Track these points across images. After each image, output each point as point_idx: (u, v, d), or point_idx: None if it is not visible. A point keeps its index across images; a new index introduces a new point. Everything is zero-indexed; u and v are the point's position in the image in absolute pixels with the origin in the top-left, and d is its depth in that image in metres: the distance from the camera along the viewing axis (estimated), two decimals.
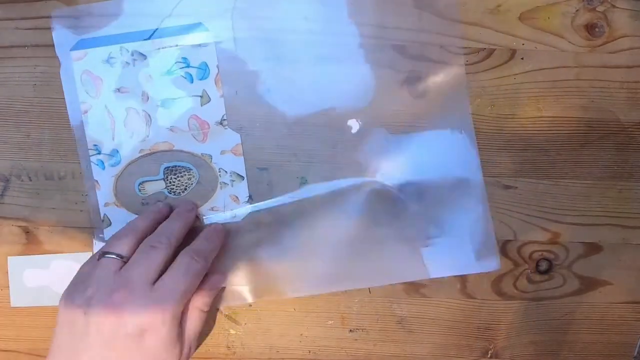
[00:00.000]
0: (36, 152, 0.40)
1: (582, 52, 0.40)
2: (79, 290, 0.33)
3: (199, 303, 0.36)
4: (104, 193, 0.39)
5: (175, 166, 0.39)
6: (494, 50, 0.39)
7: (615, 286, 0.43)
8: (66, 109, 0.39)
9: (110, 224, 0.40)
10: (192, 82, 0.38)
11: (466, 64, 0.39)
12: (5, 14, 0.38)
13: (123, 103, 0.39)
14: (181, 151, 0.39)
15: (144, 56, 0.38)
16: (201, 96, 0.39)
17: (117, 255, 0.33)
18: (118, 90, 0.38)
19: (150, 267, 0.33)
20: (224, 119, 0.39)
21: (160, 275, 0.33)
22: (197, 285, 0.35)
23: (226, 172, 0.39)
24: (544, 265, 0.42)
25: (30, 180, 0.40)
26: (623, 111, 0.40)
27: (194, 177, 0.39)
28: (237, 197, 0.40)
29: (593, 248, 0.42)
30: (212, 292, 0.37)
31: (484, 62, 0.40)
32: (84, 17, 0.38)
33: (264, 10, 0.38)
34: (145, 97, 0.38)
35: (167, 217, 0.37)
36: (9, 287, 0.41)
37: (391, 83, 0.39)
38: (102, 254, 0.34)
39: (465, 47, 0.39)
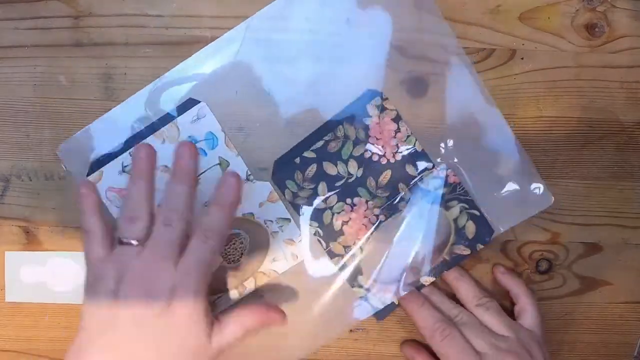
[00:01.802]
0: (36, 152, 0.40)
1: (582, 52, 0.40)
2: (104, 280, 0.32)
3: (248, 323, 0.35)
4: None
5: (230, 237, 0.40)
6: (494, 50, 0.39)
7: (615, 286, 0.43)
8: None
9: None
10: (206, 155, 0.39)
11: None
12: (5, 14, 0.38)
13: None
14: None
15: (154, 152, 0.38)
16: (219, 163, 0.39)
17: (135, 239, 0.33)
18: None
19: (168, 249, 0.33)
20: (249, 174, 0.39)
21: (181, 248, 0.33)
22: (217, 260, 0.35)
23: (272, 221, 0.40)
24: (544, 265, 0.42)
25: (30, 180, 0.40)
26: (623, 111, 0.40)
27: (245, 239, 0.40)
28: (291, 239, 0.40)
29: (593, 248, 0.42)
30: (261, 321, 0.35)
31: (484, 62, 0.40)
32: (85, 142, 0.39)
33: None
34: None
35: (154, 164, 0.35)
36: None
37: (391, 83, 0.39)
38: (119, 239, 0.33)
39: (466, 47, 0.39)
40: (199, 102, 0.39)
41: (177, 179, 0.34)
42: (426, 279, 0.40)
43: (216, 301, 0.40)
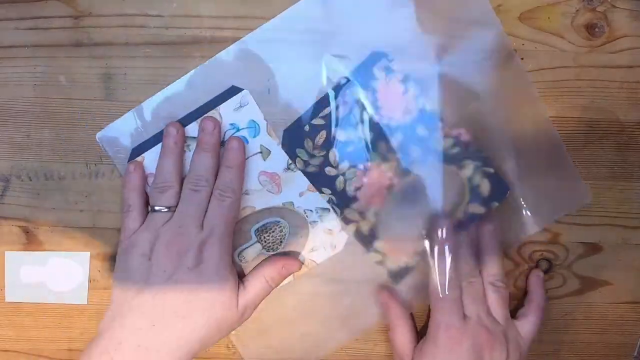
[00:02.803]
0: (36, 152, 0.40)
1: (582, 52, 0.40)
2: (139, 242, 0.36)
3: (267, 274, 0.38)
4: None
5: (264, 225, 0.40)
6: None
7: (615, 286, 0.43)
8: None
9: None
10: (247, 142, 0.39)
11: None
12: (5, 14, 0.38)
13: None
14: (264, 209, 0.40)
15: (194, 138, 0.38)
16: (261, 152, 0.39)
17: (167, 207, 0.36)
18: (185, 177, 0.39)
19: (196, 212, 0.36)
20: (290, 164, 0.39)
21: (206, 210, 0.36)
22: (236, 215, 0.37)
23: (311, 210, 0.40)
24: (544, 265, 0.42)
25: (30, 180, 0.40)
26: (623, 111, 0.40)
27: (285, 227, 0.40)
28: (330, 229, 0.40)
29: (593, 248, 0.42)
30: (281, 272, 0.39)
31: None
32: (124, 128, 0.39)
33: None
34: None
35: (183, 142, 0.38)
36: None
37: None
38: (152, 208, 0.37)
39: None
40: (242, 89, 0.39)
41: (201, 149, 0.37)
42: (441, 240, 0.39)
43: None
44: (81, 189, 0.40)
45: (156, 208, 0.37)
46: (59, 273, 0.41)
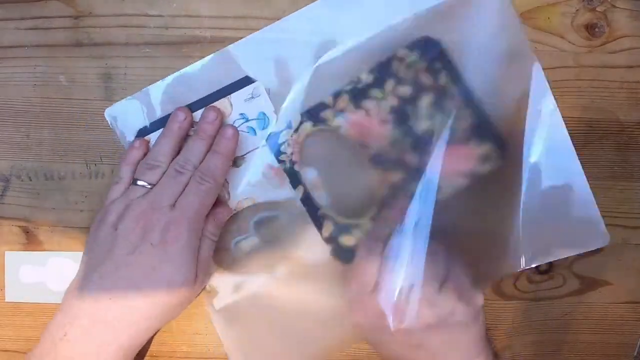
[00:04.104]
0: (36, 152, 0.40)
1: (582, 52, 0.40)
2: (111, 212, 0.36)
3: (206, 231, 0.37)
4: None
5: (264, 218, 0.40)
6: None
7: (615, 286, 0.43)
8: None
9: (217, 293, 0.40)
10: (255, 134, 0.39)
11: None
12: (5, 14, 0.38)
13: None
14: (264, 202, 0.40)
15: (190, 116, 0.38)
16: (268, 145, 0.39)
17: (149, 183, 0.36)
18: None
19: (173, 191, 0.36)
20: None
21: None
22: (210, 202, 0.37)
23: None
24: (544, 265, 0.42)
25: (30, 180, 0.40)
26: (623, 111, 0.40)
27: (284, 223, 0.40)
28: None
29: None
30: (217, 222, 0.38)
31: None
32: (132, 109, 0.39)
33: None
34: None
35: (188, 128, 0.38)
36: None
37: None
38: (135, 180, 0.36)
39: None
40: (255, 80, 0.38)
41: (198, 136, 0.37)
42: None
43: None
44: (81, 189, 0.40)
45: (139, 182, 0.36)
46: (59, 273, 0.41)
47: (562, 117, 0.40)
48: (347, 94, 0.39)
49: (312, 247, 0.40)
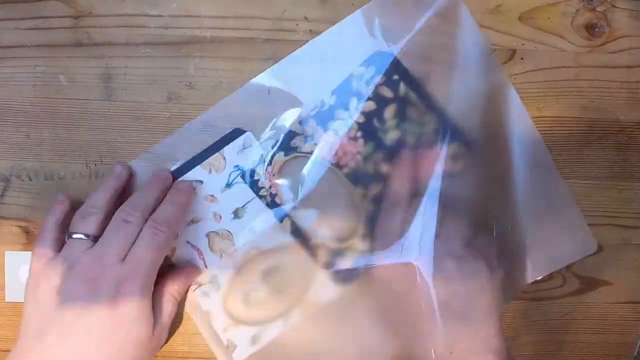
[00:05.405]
0: (36, 152, 0.40)
1: (582, 52, 0.40)
2: (50, 271, 0.33)
3: (173, 290, 0.36)
4: (219, 320, 0.40)
5: (271, 267, 0.40)
6: (494, 50, 0.39)
7: (615, 286, 0.43)
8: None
9: (235, 347, 0.40)
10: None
11: None
12: (5, 14, 0.38)
13: (201, 232, 0.39)
14: (270, 249, 0.40)
15: (200, 182, 0.39)
16: (263, 195, 0.39)
17: (85, 235, 0.34)
18: (191, 222, 0.39)
19: (122, 243, 0.33)
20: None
21: (132, 245, 0.33)
22: (164, 254, 0.35)
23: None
24: None
25: (30, 180, 0.40)
26: (623, 111, 0.40)
27: (288, 271, 0.40)
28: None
29: None
30: (185, 282, 0.38)
31: None
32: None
33: None
34: (218, 217, 0.39)
35: (126, 182, 0.37)
36: None
37: None
38: (69, 234, 0.34)
39: None
40: (245, 131, 0.39)
41: (149, 184, 0.36)
42: None
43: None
44: (81, 189, 0.40)
45: (74, 236, 0.34)
46: None
47: (562, 117, 0.40)
48: (313, 119, 0.39)
49: (322, 287, 0.40)
